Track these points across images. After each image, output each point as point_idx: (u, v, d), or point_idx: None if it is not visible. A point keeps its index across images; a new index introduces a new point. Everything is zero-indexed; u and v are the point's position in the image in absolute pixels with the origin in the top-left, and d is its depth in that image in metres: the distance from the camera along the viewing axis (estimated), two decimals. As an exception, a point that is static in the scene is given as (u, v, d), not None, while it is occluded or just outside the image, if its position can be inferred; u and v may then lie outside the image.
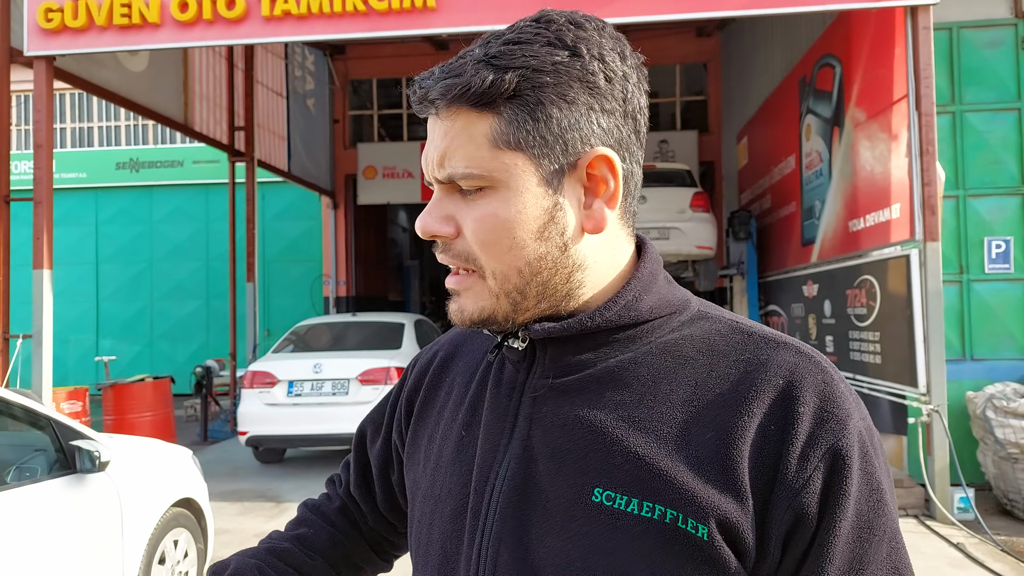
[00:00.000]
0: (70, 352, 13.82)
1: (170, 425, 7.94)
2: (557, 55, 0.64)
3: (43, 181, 5.80)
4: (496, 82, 0.62)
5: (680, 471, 0.62)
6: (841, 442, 0.61)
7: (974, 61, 6.13)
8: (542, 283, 0.67)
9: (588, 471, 0.64)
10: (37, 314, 5.75)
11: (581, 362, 0.69)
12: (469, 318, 0.69)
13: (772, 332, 0.69)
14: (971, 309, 6.05)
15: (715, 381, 0.65)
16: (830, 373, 0.65)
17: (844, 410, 0.63)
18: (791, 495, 0.60)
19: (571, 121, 0.64)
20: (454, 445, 0.74)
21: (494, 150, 0.64)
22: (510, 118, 0.63)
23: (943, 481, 5.03)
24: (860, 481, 0.62)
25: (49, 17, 5.75)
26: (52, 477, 2.83)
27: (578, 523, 0.63)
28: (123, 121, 15.15)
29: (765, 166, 9.22)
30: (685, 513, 0.60)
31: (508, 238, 0.65)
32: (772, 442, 0.61)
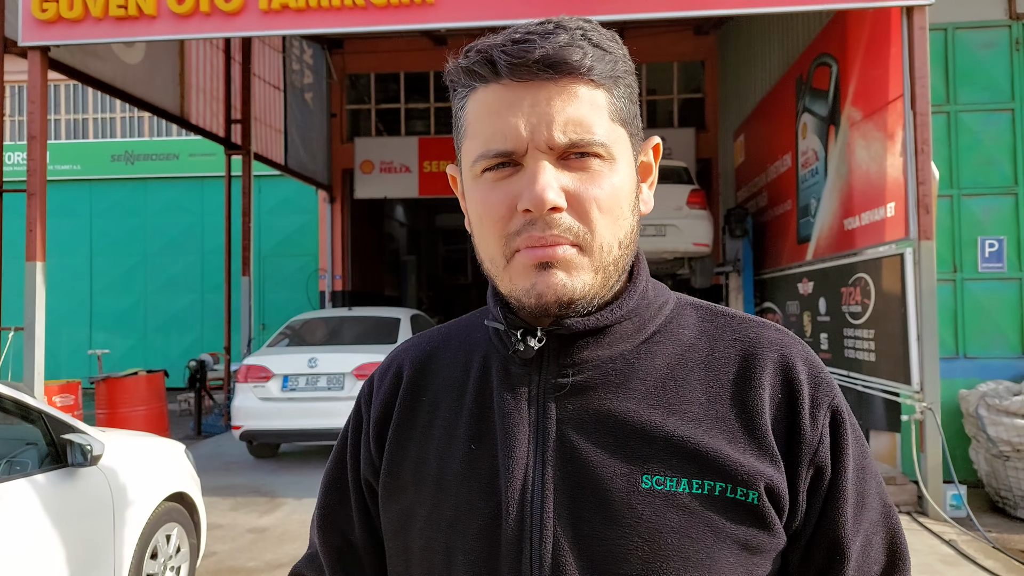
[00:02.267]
0: (63, 345, 13.77)
1: (163, 419, 7.92)
2: (617, 48, 0.70)
3: (36, 173, 5.77)
4: (609, 60, 0.67)
5: (721, 446, 0.67)
6: (835, 400, 0.71)
7: (969, 62, 6.14)
8: (627, 258, 0.71)
9: (633, 460, 0.66)
10: (29, 306, 5.72)
11: (597, 357, 0.70)
12: (570, 295, 0.66)
13: (745, 313, 0.77)
14: (964, 308, 6.07)
15: (720, 362, 0.71)
16: (805, 345, 0.75)
17: (827, 374, 0.73)
18: (811, 452, 0.69)
19: (636, 108, 0.72)
20: (461, 461, 0.71)
21: (612, 123, 0.68)
22: (619, 96, 0.68)
23: (936, 478, 5.05)
24: (851, 430, 0.71)
25: (44, 7, 5.71)
26: (43, 471, 2.82)
27: (636, 511, 0.65)
28: (118, 113, 15.08)
29: (761, 164, 9.23)
30: (734, 483, 0.66)
31: (618, 208, 0.67)
32: (783, 408, 0.69)
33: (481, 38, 0.69)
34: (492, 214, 0.67)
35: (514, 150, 0.65)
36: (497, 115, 0.66)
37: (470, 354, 0.77)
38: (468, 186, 0.71)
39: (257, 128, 10.13)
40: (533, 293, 0.66)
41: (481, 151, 0.67)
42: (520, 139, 0.65)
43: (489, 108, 0.67)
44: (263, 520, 5.26)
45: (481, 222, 0.69)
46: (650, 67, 12.93)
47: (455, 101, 0.72)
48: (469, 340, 0.79)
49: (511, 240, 0.67)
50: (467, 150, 0.70)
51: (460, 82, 0.70)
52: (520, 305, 0.69)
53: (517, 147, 0.65)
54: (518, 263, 0.67)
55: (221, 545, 4.70)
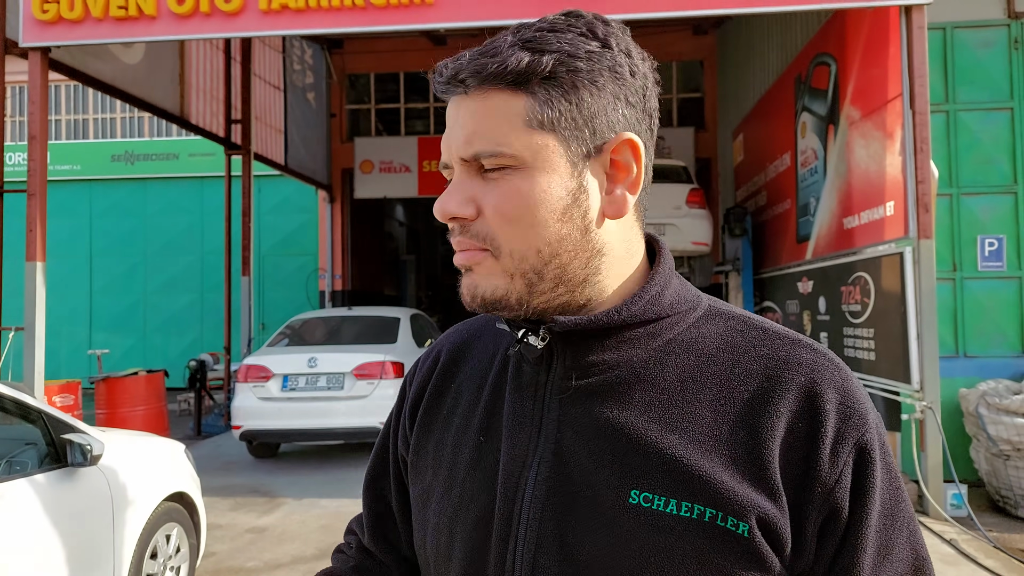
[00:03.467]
0: (63, 345, 13.78)
1: (163, 419, 7.92)
2: (590, 44, 0.66)
3: (37, 173, 5.77)
4: (533, 63, 0.64)
5: (716, 470, 0.63)
6: (865, 437, 0.65)
7: (967, 61, 6.15)
8: (560, 266, 0.67)
9: (625, 473, 0.65)
10: (29, 307, 5.73)
11: (604, 361, 0.69)
12: (482, 296, 0.68)
13: (785, 329, 0.71)
14: (964, 306, 6.08)
15: (739, 379, 0.67)
16: (844, 370, 0.68)
17: (863, 405, 0.66)
18: (826, 491, 0.63)
19: (600, 107, 0.66)
20: (471, 451, 0.73)
21: (527, 130, 0.65)
22: (544, 99, 0.65)
23: (936, 478, 5.05)
24: (882, 472, 0.65)
25: (45, 8, 5.72)
26: (43, 471, 2.83)
27: (620, 525, 0.63)
28: (118, 113, 15.09)
29: (761, 163, 9.24)
30: (725, 512, 0.62)
31: (531, 216, 0.66)
32: (801, 439, 0.64)
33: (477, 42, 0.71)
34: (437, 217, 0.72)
35: (447, 163, 0.70)
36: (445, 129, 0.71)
37: (496, 347, 0.79)
38: None
39: (257, 128, 10.14)
40: (461, 293, 0.70)
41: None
42: (447, 152, 0.70)
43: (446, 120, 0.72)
44: (262, 520, 5.27)
45: None
46: (649, 67, 12.92)
47: None
48: (499, 333, 0.81)
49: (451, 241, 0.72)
50: None
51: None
52: None
53: (448, 160, 0.70)
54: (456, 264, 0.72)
55: (220, 545, 4.70)
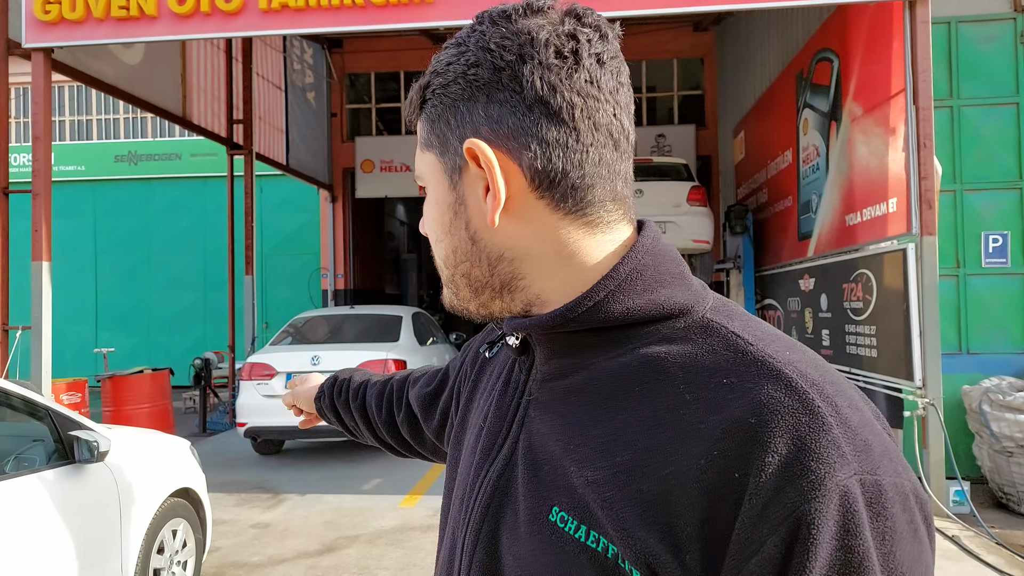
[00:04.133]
0: (68, 344, 13.82)
1: (168, 416, 7.96)
2: (452, 55, 0.65)
3: (41, 173, 5.80)
4: (416, 89, 0.69)
5: (626, 506, 0.56)
6: (808, 505, 0.50)
7: (972, 55, 6.14)
8: (464, 275, 0.69)
9: (553, 487, 0.62)
10: (36, 306, 5.76)
11: (568, 366, 0.66)
12: (448, 305, 0.74)
13: (775, 354, 0.58)
14: (967, 303, 6.07)
15: (688, 407, 0.57)
16: (821, 415, 0.53)
17: (826, 464, 0.51)
18: (742, 559, 0.51)
19: (457, 118, 0.64)
20: (475, 435, 0.76)
21: (420, 152, 0.70)
22: (423, 122, 0.69)
23: (938, 474, 5.06)
24: (830, 557, 0.50)
25: (47, 9, 5.74)
26: (51, 467, 2.85)
27: (536, 538, 0.62)
28: (121, 114, 15.13)
29: (762, 160, 9.23)
30: (623, 552, 0.56)
31: (432, 233, 0.71)
32: (734, 491, 0.52)
33: None
34: None
35: None
36: None
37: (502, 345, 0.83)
38: None
39: (259, 128, 10.16)
40: None
41: None
42: None
43: None
44: (266, 516, 5.29)
45: None
46: (649, 64, 12.93)
47: None
48: None
49: None
50: None
51: None
52: None
53: None
54: None
55: (225, 540, 4.72)
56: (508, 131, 0.62)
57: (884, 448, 0.53)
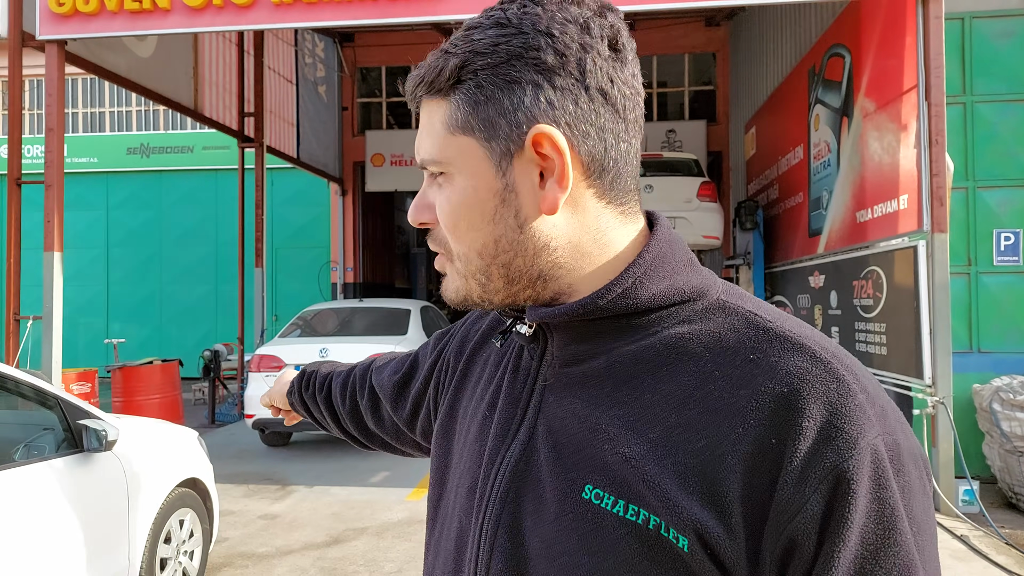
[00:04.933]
0: (80, 335, 13.96)
1: (178, 407, 8.02)
2: (500, 35, 0.63)
3: (53, 164, 5.85)
4: (442, 69, 0.64)
5: (665, 478, 0.59)
6: (847, 463, 0.55)
7: (986, 52, 6.07)
8: (504, 264, 0.66)
9: (582, 466, 0.64)
10: (47, 296, 5.82)
11: (585, 352, 0.68)
12: (451, 299, 0.72)
13: (793, 329, 0.62)
14: (979, 301, 6.02)
15: (715, 383, 0.61)
16: (846, 382, 0.58)
17: (856, 425, 0.56)
18: (786, 518, 0.56)
19: (515, 100, 0.62)
20: (478, 424, 0.76)
21: (448, 136, 0.65)
22: (457, 103, 0.64)
23: (948, 473, 5.03)
24: (867, 508, 0.55)
25: (61, 1, 5.78)
26: (60, 455, 2.88)
27: (568, 518, 0.63)
28: (134, 106, 15.21)
29: (773, 156, 9.18)
30: (667, 522, 0.58)
31: (464, 221, 0.66)
32: (770, 457, 0.56)
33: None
34: None
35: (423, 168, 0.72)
36: None
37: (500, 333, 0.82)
38: None
39: (270, 121, 10.20)
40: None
41: None
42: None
43: None
44: (274, 507, 5.33)
45: None
46: (661, 59, 12.87)
47: None
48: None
49: None
50: None
51: None
52: None
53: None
54: None
55: (233, 531, 4.76)
56: (571, 118, 0.63)
57: (896, 413, 0.60)
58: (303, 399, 1.23)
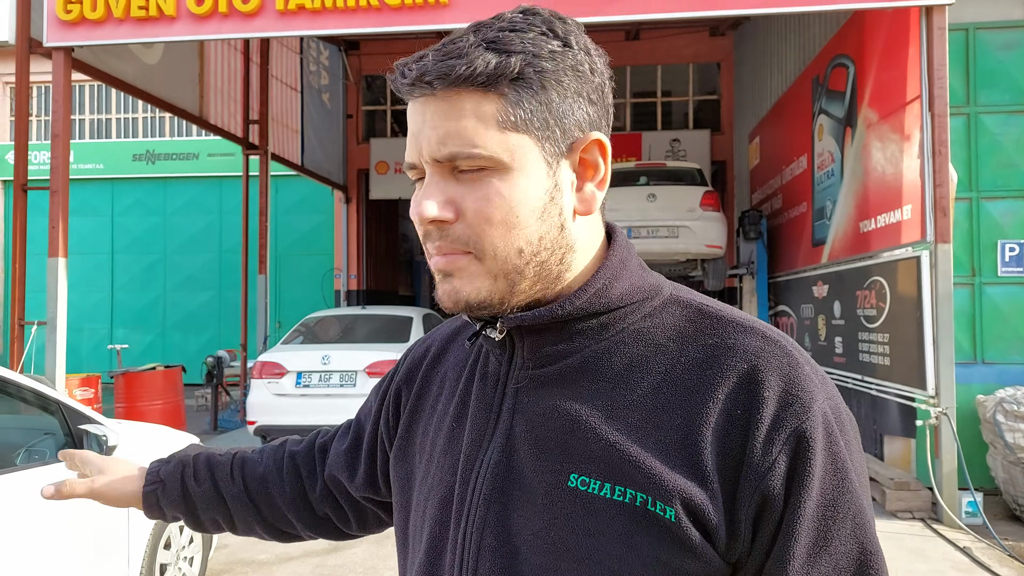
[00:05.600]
0: (84, 340, 13.99)
1: (180, 413, 8.02)
2: (552, 44, 0.66)
3: (59, 170, 5.88)
4: (501, 64, 0.64)
5: (648, 456, 0.64)
6: (805, 425, 0.63)
7: (990, 62, 6.07)
8: (540, 263, 0.68)
9: (566, 458, 0.67)
10: (52, 301, 5.84)
11: (558, 352, 0.71)
12: (465, 301, 0.68)
13: (741, 316, 0.70)
14: (983, 312, 6.00)
15: (683, 367, 0.67)
16: (795, 356, 0.66)
17: (808, 393, 0.64)
18: (758, 478, 0.62)
19: (567, 106, 0.67)
20: (445, 436, 0.76)
21: (501, 131, 0.65)
22: (515, 100, 0.65)
23: (951, 485, 5.00)
24: (824, 462, 0.63)
25: (68, 9, 5.83)
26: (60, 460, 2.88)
27: (556, 507, 0.66)
28: (140, 113, 15.30)
29: (777, 166, 9.18)
30: (653, 496, 0.63)
31: (512, 217, 0.66)
32: (738, 426, 0.63)
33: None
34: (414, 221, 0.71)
35: (415, 164, 0.69)
36: (409, 129, 0.70)
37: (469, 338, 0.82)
38: None
39: (274, 128, 10.25)
40: (441, 299, 0.71)
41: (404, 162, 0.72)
42: (416, 154, 0.68)
43: (409, 121, 0.70)
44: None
45: None
46: (665, 68, 12.90)
47: None
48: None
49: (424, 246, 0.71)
50: None
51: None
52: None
53: (417, 161, 0.69)
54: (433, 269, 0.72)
55: (233, 538, 4.76)
56: (600, 129, 0.70)
57: (830, 382, 0.69)
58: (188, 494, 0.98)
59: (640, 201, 8.30)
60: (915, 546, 4.56)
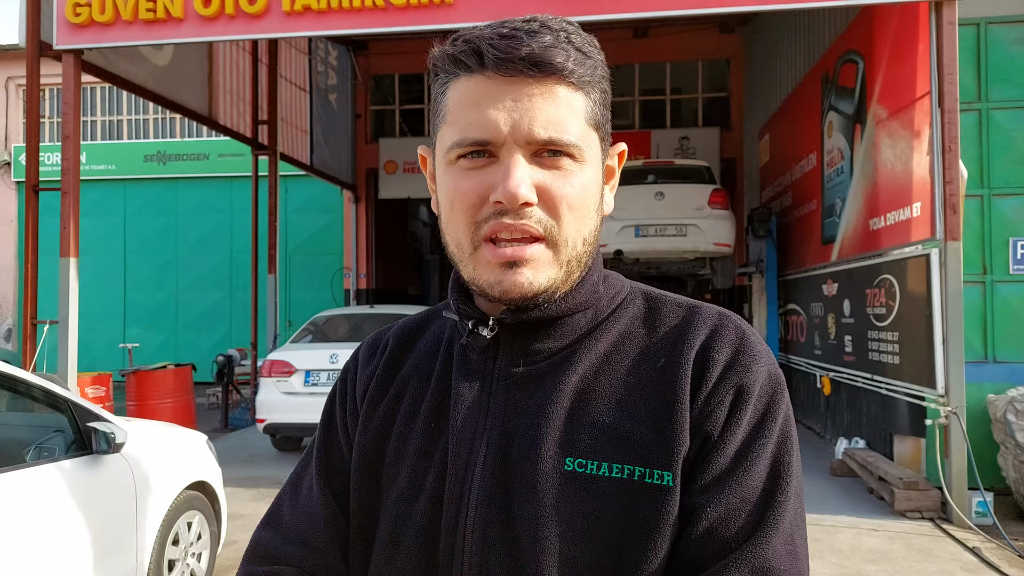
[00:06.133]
0: (97, 340, 14.11)
1: (190, 412, 8.08)
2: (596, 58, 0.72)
3: (70, 172, 5.94)
4: (592, 66, 0.70)
5: (638, 429, 0.69)
6: (745, 379, 0.71)
7: (1002, 58, 6.00)
8: (590, 254, 0.74)
9: (562, 444, 0.69)
10: (63, 301, 5.90)
11: (549, 349, 0.74)
12: (535, 290, 0.69)
13: (695, 302, 0.79)
14: (994, 310, 5.94)
15: (656, 343, 0.74)
16: (743, 329, 0.75)
17: (751, 356, 0.72)
18: (699, 423, 0.69)
19: (607, 114, 0.74)
20: (420, 437, 0.75)
21: (587, 127, 0.70)
22: (596, 101, 0.71)
23: (960, 484, 4.96)
24: (752, 410, 0.70)
25: (77, 12, 5.88)
26: (70, 457, 2.92)
27: (556, 492, 0.68)
28: (151, 114, 15.41)
29: (786, 163, 9.13)
30: (650, 467, 0.67)
31: (585, 207, 0.71)
32: (695, 384, 0.70)
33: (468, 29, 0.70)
34: (463, 201, 0.69)
35: (491, 141, 0.67)
36: (477, 106, 0.68)
37: (442, 336, 0.82)
38: (440, 170, 0.73)
39: (283, 129, 10.29)
40: (498, 289, 0.69)
41: (457, 138, 0.69)
42: (499, 132, 0.67)
43: (471, 98, 0.68)
44: None
45: (452, 207, 0.71)
46: (674, 66, 12.85)
47: (436, 86, 0.73)
48: (443, 324, 0.84)
49: (480, 228, 0.69)
50: (443, 136, 0.71)
51: (444, 68, 0.71)
52: (483, 294, 0.72)
53: (495, 139, 0.67)
54: (484, 255, 0.69)
55: (242, 534, 4.79)
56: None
57: (772, 353, 0.76)
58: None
59: (648, 199, 8.27)
60: (924, 546, 4.53)
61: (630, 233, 8.21)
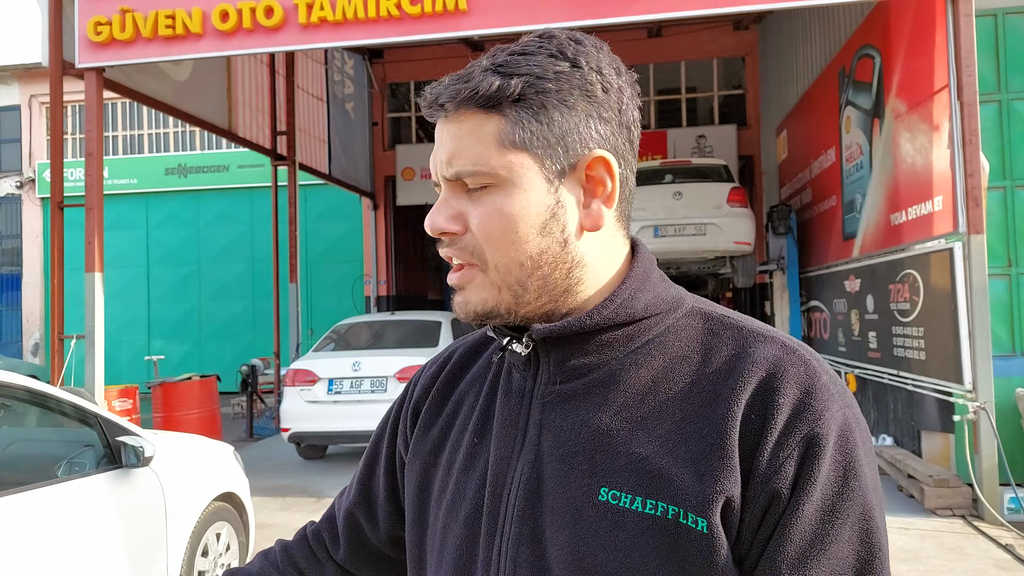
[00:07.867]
0: (123, 352, 14.35)
1: (216, 422, 8.18)
2: (559, 65, 0.68)
3: (94, 188, 6.05)
4: (502, 86, 0.67)
5: (680, 468, 0.65)
6: (816, 430, 0.64)
7: (1020, 48, 5.90)
8: (543, 277, 0.70)
9: (595, 472, 0.67)
10: (89, 315, 6.01)
11: (584, 366, 0.72)
12: (473, 310, 0.72)
13: (760, 326, 0.72)
14: (1021, 303, 5.83)
15: (708, 377, 0.68)
16: (813, 366, 0.68)
17: (822, 401, 0.65)
18: (765, 479, 0.63)
19: (571, 125, 0.69)
20: (466, 452, 0.77)
21: (501, 149, 0.68)
22: (515, 120, 0.68)
23: (991, 480, 4.88)
24: (831, 466, 0.64)
25: (98, 30, 6.00)
26: (99, 471, 2.97)
27: (587, 521, 0.66)
28: (171, 128, 15.65)
29: (805, 159, 9.05)
30: (686, 508, 0.63)
31: (512, 232, 0.69)
32: (753, 432, 0.65)
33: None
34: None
35: (436, 181, 0.74)
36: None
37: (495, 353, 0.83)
38: None
39: (301, 139, 10.40)
40: (455, 310, 0.74)
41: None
42: (435, 172, 0.74)
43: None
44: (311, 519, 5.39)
45: None
46: (689, 64, 12.79)
47: None
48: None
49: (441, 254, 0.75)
50: None
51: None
52: None
53: (436, 178, 0.74)
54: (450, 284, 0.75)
55: (270, 543, 4.84)
56: (612, 147, 0.71)
57: (849, 393, 0.69)
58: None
59: (666, 199, 8.24)
60: (955, 544, 4.46)
61: (649, 233, 8.19)
